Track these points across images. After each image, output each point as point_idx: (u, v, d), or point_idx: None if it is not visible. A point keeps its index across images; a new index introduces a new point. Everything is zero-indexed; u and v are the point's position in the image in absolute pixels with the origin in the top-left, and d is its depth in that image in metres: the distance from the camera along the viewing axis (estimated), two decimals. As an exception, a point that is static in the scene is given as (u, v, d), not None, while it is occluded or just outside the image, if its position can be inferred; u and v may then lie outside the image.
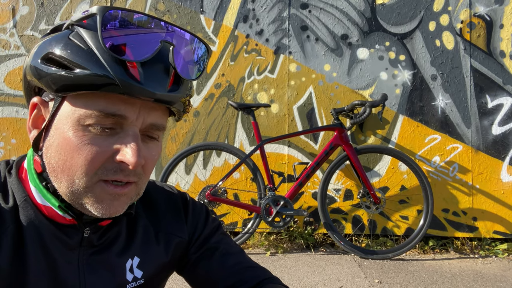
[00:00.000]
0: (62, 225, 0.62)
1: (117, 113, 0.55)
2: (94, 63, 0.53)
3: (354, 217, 3.22)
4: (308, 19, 3.27)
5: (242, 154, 2.94)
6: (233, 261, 0.76)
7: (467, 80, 3.20)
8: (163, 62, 0.57)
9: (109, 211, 0.58)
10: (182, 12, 3.29)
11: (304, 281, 2.47)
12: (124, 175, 0.57)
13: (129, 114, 0.56)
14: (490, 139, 3.19)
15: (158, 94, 0.55)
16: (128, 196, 0.60)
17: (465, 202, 3.18)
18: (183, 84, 0.60)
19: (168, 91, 0.57)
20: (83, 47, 0.54)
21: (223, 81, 3.28)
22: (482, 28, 3.21)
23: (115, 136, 0.57)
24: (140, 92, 0.54)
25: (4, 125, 3.28)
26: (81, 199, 0.57)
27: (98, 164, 0.56)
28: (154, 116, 0.59)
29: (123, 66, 0.54)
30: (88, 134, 0.55)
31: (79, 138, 0.55)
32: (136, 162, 0.55)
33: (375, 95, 3.22)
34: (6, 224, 0.59)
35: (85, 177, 0.56)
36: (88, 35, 0.55)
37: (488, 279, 2.56)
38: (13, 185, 0.62)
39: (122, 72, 0.54)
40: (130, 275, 0.68)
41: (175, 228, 0.75)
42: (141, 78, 0.54)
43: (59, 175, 0.57)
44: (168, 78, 0.57)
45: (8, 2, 3.31)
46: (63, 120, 0.57)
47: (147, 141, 0.60)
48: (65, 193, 0.58)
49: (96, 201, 0.57)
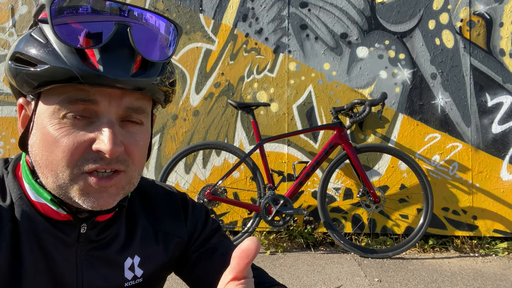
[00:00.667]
0: (58, 221, 0.62)
1: (87, 98, 0.54)
2: (52, 56, 0.52)
3: (354, 216, 3.22)
4: (308, 17, 3.27)
5: (242, 153, 2.94)
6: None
7: (467, 79, 3.20)
8: (125, 45, 0.54)
9: (98, 204, 0.57)
10: (182, 11, 3.29)
11: (304, 280, 2.47)
12: (106, 163, 0.56)
13: (100, 98, 0.55)
14: (490, 137, 3.18)
15: (121, 80, 0.53)
16: (118, 186, 0.58)
17: (465, 201, 3.17)
18: (153, 67, 0.57)
19: (132, 75, 0.54)
20: (42, 42, 0.54)
21: (223, 80, 3.28)
22: (482, 26, 3.20)
23: (91, 125, 0.55)
24: (100, 80, 0.52)
25: (4, 124, 3.28)
26: (68, 193, 0.57)
27: (77, 155, 0.55)
28: (129, 99, 0.57)
29: (81, 56, 0.52)
30: (63, 126, 0.55)
31: (55, 131, 0.55)
32: (111, 149, 0.54)
33: (374, 93, 3.22)
34: (4, 222, 0.59)
35: (67, 169, 0.55)
36: (47, 28, 0.54)
37: (488, 277, 2.56)
38: (10, 183, 0.62)
39: (79, 62, 0.52)
40: (128, 273, 0.68)
41: (174, 228, 0.75)
42: (100, 66, 0.52)
43: (44, 171, 0.57)
44: (132, 62, 0.55)
45: (7, 2, 3.31)
46: (41, 116, 0.57)
47: (129, 127, 0.59)
48: (53, 188, 0.57)
49: (83, 193, 0.56)
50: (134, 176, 0.61)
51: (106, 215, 0.65)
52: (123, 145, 0.57)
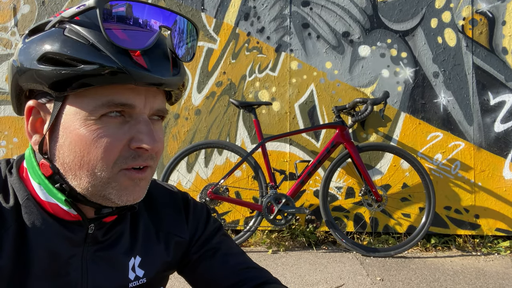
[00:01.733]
0: (66, 221, 0.62)
1: (126, 103, 0.56)
2: (99, 56, 0.53)
3: (356, 215, 3.22)
4: (310, 16, 3.26)
5: (244, 152, 2.94)
6: (234, 261, 0.76)
7: (469, 77, 3.19)
8: (162, 47, 0.58)
9: (132, 197, 0.60)
10: (183, 10, 3.29)
11: (306, 279, 2.47)
12: (143, 160, 0.59)
13: (137, 102, 0.57)
14: (493, 136, 3.18)
15: (164, 79, 0.57)
16: (147, 180, 0.61)
17: (467, 200, 3.17)
18: (181, 67, 0.61)
19: (171, 75, 0.58)
20: (83, 42, 0.54)
21: (225, 79, 3.28)
22: (484, 25, 3.19)
23: (126, 124, 0.57)
24: (149, 79, 0.55)
25: (6, 124, 3.29)
26: (104, 191, 0.58)
27: (116, 153, 0.57)
28: (159, 101, 0.61)
29: (128, 56, 0.54)
30: (100, 126, 0.56)
31: (92, 132, 0.56)
32: (154, 146, 0.57)
33: (376, 92, 3.21)
34: (7, 223, 0.59)
35: (106, 168, 0.57)
36: (85, 29, 0.54)
37: (490, 276, 2.56)
38: (15, 184, 0.62)
39: (129, 62, 0.54)
40: (132, 274, 0.68)
41: (176, 228, 0.75)
42: (148, 66, 0.55)
43: (78, 172, 0.57)
44: (169, 62, 0.58)
45: (9, 1, 3.31)
46: (71, 118, 0.56)
47: (155, 123, 0.61)
48: (86, 188, 0.58)
49: (120, 189, 0.58)
50: (154, 169, 0.64)
51: (113, 216, 0.66)
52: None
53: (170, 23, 0.59)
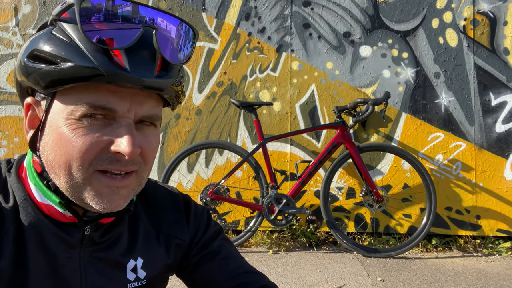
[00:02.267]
0: (62, 223, 0.62)
1: (107, 106, 0.55)
2: (77, 55, 0.53)
3: (356, 215, 3.22)
4: (311, 16, 3.26)
5: (244, 153, 2.94)
6: (233, 265, 0.76)
7: (471, 78, 3.18)
8: (148, 47, 0.55)
9: (110, 206, 0.57)
10: (184, 10, 3.29)
11: (306, 279, 2.47)
12: (122, 165, 0.57)
13: (119, 107, 0.55)
14: (494, 137, 3.17)
15: (145, 80, 0.54)
16: (129, 188, 0.59)
17: (469, 200, 3.16)
18: (172, 69, 0.59)
19: (155, 76, 0.55)
20: (66, 40, 0.54)
21: (225, 79, 3.28)
22: (486, 25, 3.19)
23: (108, 127, 0.56)
24: (126, 79, 0.53)
25: (7, 123, 3.29)
26: (81, 194, 0.57)
27: (93, 155, 0.55)
28: (147, 107, 0.58)
29: (107, 55, 0.53)
30: (80, 126, 0.55)
31: (72, 132, 0.55)
32: (131, 152, 0.55)
33: (377, 93, 3.21)
34: (7, 224, 0.59)
35: (81, 169, 0.56)
36: (69, 27, 0.54)
37: (491, 277, 2.55)
38: (13, 184, 0.62)
39: (106, 61, 0.53)
40: (132, 275, 0.68)
41: (177, 230, 0.75)
42: (126, 65, 0.53)
43: (57, 171, 0.57)
44: (155, 63, 0.56)
45: (10, 1, 3.32)
46: (55, 116, 0.56)
47: (144, 129, 0.59)
48: (66, 189, 0.58)
49: (96, 195, 0.57)
50: (144, 177, 0.62)
51: (110, 218, 0.66)
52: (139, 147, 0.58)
53: (156, 22, 0.56)
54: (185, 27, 0.60)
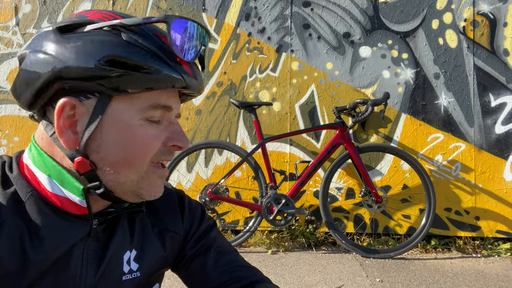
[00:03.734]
0: (71, 215, 0.63)
1: (167, 105, 0.62)
2: (161, 64, 0.59)
3: (355, 216, 3.22)
4: (310, 17, 3.26)
5: (244, 153, 2.94)
6: (227, 259, 0.78)
7: (470, 79, 3.18)
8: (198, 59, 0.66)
9: (159, 192, 0.66)
10: (184, 10, 3.29)
11: (305, 279, 2.47)
12: (172, 157, 0.67)
13: (174, 105, 0.64)
14: (493, 138, 3.17)
15: (203, 85, 0.66)
16: None
17: (468, 201, 3.16)
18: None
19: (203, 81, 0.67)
20: (144, 50, 0.58)
21: (225, 79, 3.28)
22: (486, 26, 3.19)
23: (161, 124, 0.63)
24: (196, 87, 0.64)
25: (7, 123, 3.30)
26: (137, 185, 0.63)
27: (156, 149, 0.63)
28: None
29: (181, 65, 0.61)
30: (145, 125, 0.61)
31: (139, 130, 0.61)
32: (187, 144, 0.66)
33: (377, 93, 3.21)
34: (2, 217, 0.59)
35: (144, 163, 0.62)
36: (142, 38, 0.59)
37: (490, 278, 2.55)
38: (16, 180, 0.62)
39: (184, 70, 0.61)
40: (127, 267, 0.69)
41: (172, 224, 0.77)
42: (195, 75, 0.63)
43: (119, 168, 0.61)
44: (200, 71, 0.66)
45: (10, 0, 3.32)
46: (118, 116, 0.60)
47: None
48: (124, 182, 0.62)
49: (151, 185, 0.65)
50: None
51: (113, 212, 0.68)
52: None
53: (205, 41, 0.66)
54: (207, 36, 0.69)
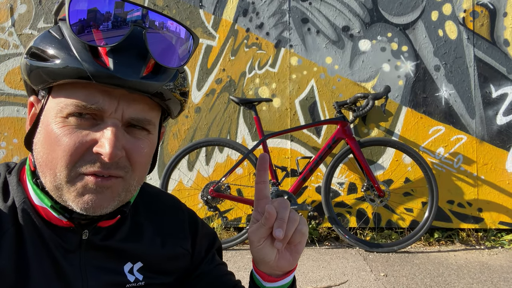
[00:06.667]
0: (59, 228, 0.61)
1: (94, 106, 0.54)
2: (64, 52, 0.53)
3: (358, 211, 3.21)
4: (309, 11, 3.23)
5: (245, 150, 2.93)
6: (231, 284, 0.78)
7: (471, 70, 3.16)
8: (138, 48, 0.54)
9: (92, 206, 0.55)
10: (181, 7, 3.26)
11: (309, 276, 2.47)
12: (105, 168, 0.54)
13: (107, 106, 0.54)
14: (495, 129, 3.15)
15: (129, 81, 0.52)
16: (114, 191, 0.57)
17: (470, 193, 3.15)
18: (164, 73, 0.57)
19: (141, 78, 0.53)
20: (58, 38, 0.55)
21: (224, 76, 3.26)
22: (486, 16, 3.16)
23: (95, 127, 0.55)
24: (109, 79, 0.52)
25: (6, 125, 3.27)
26: (63, 195, 0.55)
27: (77, 155, 0.54)
28: (135, 109, 0.56)
29: (94, 53, 0.53)
30: (67, 125, 0.54)
31: (59, 130, 0.54)
32: (111, 153, 0.52)
33: (377, 87, 3.19)
34: (4, 227, 0.58)
35: (65, 169, 0.54)
36: (64, 25, 0.55)
37: (494, 270, 2.55)
38: (13, 187, 0.61)
39: (91, 59, 0.52)
40: (131, 276, 0.67)
41: (180, 239, 0.75)
42: (110, 64, 0.52)
43: (44, 170, 0.56)
44: (144, 64, 0.54)
45: (6, 1, 3.29)
46: (47, 114, 0.56)
47: (135, 132, 0.58)
48: (50, 189, 0.56)
49: (77, 195, 0.55)
50: (132, 184, 0.59)
51: (109, 221, 0.64)
52: (125, 150, 0.56)
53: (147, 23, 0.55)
54: (185, 31, 0.59)
